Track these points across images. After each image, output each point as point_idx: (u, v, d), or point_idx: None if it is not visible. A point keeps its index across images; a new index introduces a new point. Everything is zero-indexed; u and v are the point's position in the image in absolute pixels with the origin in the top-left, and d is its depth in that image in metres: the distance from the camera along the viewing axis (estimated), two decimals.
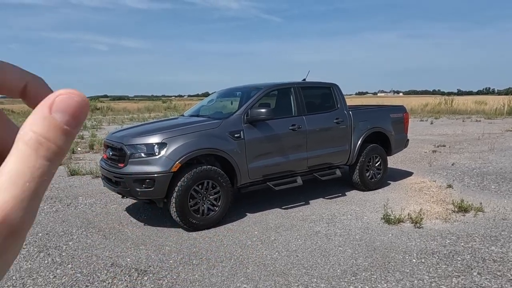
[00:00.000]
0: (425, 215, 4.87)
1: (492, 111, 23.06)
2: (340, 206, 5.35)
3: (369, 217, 4.87)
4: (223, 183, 4.57)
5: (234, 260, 3.69)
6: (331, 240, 4.15)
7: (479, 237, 4.12)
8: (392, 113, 6.61)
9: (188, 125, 4.69)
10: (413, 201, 5.53)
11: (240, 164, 4.73)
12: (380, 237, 4.21)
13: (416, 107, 28.29)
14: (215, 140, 4.56)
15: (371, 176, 6.17)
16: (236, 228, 4.55)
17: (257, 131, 4.91)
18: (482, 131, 13.64)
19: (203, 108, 5.99)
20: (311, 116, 5.50)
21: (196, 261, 3.68)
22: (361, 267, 3.49)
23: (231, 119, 4.81)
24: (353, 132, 5.92)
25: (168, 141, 4.31)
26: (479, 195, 5.76)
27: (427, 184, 6.53)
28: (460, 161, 8.38)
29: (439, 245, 3.93)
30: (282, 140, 5.15)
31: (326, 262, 3.60)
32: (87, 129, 17.98)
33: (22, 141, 0.24)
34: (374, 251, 3.82)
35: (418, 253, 3.75)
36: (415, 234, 4.25)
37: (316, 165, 5.58)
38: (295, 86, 5.56)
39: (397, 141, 6.58)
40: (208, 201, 4.52)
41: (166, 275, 3.40)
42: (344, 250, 3.88)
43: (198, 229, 4.45)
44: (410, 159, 8.85)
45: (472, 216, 4.80)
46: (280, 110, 5.50)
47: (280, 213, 5.10)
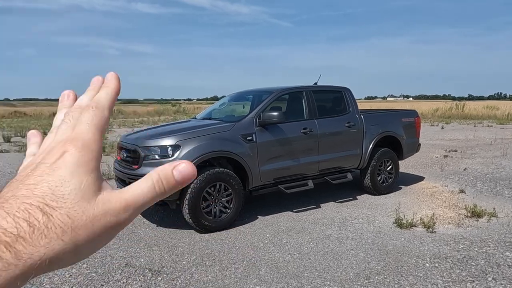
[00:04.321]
0: (438, 219, 4.85)
1: (504, 116, 22.80)
2: (351, 210, 5.35)
3: (380, 221, 4.85)
4: (235, 186, 4.60)
5: (247, 262, 3.71)
6: (343, 243, 4.15)
7: (493, 242, 4.08)
8: (403, 117, 6.59)
9: (201, 128, 4.74)
10: (425, 206, 5.50)
11: (252, 167, 4.76)
12: (392, 241, 4.20)
13: (427, 112, 28.07)
14: (228, 143, 4.60)
15: (383, 180, 6.15)
16: (247, 231, 4.58)
17: (269, 134, 4.94)
18: (494, 136, 13.50)
19: (215, 111, 6.05)
20: (322, 119, 5.51)
21: (209, 262, 3.71)
22: (374, 270, 3.49)
23: (243, 122, 4.85)
24: (364, 136, 5.91)
25: (182, 143, 4.36)
26: (492, 200, 5.70)
27: (439, 189, 6.49)
28: (472, 166, 8.31)
29: (453, 250, 3.91)
30: (293, 144, 5.17)
31: (338, 265, 3.60)
32: None
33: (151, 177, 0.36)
34: (386, 255, 3.82)
35: (431, 258, 3.73)
36: (428, 239, 4.23)
37: (327, 168, 5.59)
38: (307, 90, 5.58)
39: (409, 145, 6.56)
40: (220, 203, 4.56)
41: (180, 275, 3.44)
42: (357, 253, 3.88)
43: (210, 231, 4.48)
44: (421, 163, 8.80)
45: (486, 222, 4.76)
46: (292, 114, 5.53)
47: (291, 216, 5.11)
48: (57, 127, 0.39)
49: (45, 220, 0.30)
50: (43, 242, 0.29)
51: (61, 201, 0.31)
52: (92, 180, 0.34)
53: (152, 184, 0.35)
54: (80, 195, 0.32)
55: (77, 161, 0.34)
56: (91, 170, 0.34)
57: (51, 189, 0.32)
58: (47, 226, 0.30)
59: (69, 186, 0.32)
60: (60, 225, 0.30)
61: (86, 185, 0.33)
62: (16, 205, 0.30)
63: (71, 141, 0.35)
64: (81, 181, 0.33)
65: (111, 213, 0.33)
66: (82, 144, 0.35)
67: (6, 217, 0.29)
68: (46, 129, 20.01)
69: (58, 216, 0.31)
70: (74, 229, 0.31)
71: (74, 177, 0.33)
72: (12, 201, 0.30)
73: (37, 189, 0.32)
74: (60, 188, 0.32)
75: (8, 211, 0.30)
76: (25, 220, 0.29)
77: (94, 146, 0.36)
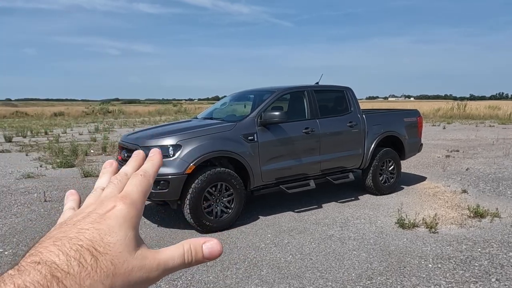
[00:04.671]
0: (440, 220, 4.82)
1: (506, 116, 22.74)
2: (353, 210, 5.32)
3: (383, 222, 4.83)
4: (237, 186, 4.58)
5: (248, 262, 3.69)
6: (345, 244, 4.12)
7: (496, 243, 4.05)
8: (405, 117, 6.56)
9: (202, 128, 4.72)
10: (428, 206, 5.47)
11: (253, 167, 4.74)
12: (394, 241, 4.17)
13: (428, 112, 28.02)
14: (229, 142, 4.58)
15: (384, 180, 6.12)
16: (249, 231, 4.55)
17: (270, 134, 4.92)
18: (496, 136, 13.46)
19: (216, 111, 6.03)
20: (324, 119, 5.49)
21: (210, 263, 3.68)
22: (376, 271, 3.46)
23: (244, 122, 4.83)
24: (366, 136, 5.89)
25: (182, 143, 4.34)
26: (495, 200, 5.67)
27: (441, 189, 6.46)
28: (474, 166, 8.27)
29: (455, 251, 3.88)
30: (295, 143, 5.15)
31: (340, 266, 3.58)
32: (100, 131, 18.20)
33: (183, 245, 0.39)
34: (389, 256, 3.79)
35: (434, 258, 3.70)
36: (430, 239, 4.20)
37: (329, 168, 5.57)
38: (309, 90, 5.56)
39: (411, 145, 6.53)
40: (222, 203, 4.54)
41: (181, 276, 3.41)
42: (359, 254, 3.85)
43: (211, 231, 4.46)
44: (423, 163, 8.77)
45: (489, 222, 4.73)
46: (294, 113, 5.50)
47: (293, 216, 5.09)
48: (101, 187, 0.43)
49: (93, 262, 0.33)
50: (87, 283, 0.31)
51: (107, 248, 0.34)
52: (135, 235, 0.37)
53: (182, 253, 0.39)
54: (124, 246, 0.35)
55: (125, 216, 0.37)
56: (135, 227, 0.38)
57: (100, 236, 0.35)
58: (93, 269, 0.32)
59: (116, 236, 0.35)
60: (104, 270, 0.33)
61: (130, 238, 0.36)
62: (68, 245, 0.33)
63: (121, 198, 0.39)
64: (127, 234, 0.36)
65: (146, 269, 0.36)
66: (131, 201, 0.39)
67: (59, 254, 0.32)
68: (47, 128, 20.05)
69: (103, 261, 0.33)
70: (114, 275, 0.33)
71: (121, 228, 0.36)
72: (65, 241, 0.33)
73: (88, 233, 0.35)
74: (108, 236, 0.35)
75: (61, 249, 0.32)
76: (75, 259, 0.32)
77: (139, 206, 0.40)
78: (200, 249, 0.40)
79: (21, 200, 6.05)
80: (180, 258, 0.38)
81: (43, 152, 11.42)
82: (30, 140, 15.01)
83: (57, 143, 13.16)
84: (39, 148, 12.35)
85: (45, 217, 5.16)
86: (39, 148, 12.48)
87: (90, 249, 0.33)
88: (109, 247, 0.34)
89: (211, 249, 0.40)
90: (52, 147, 11.43)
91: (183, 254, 0.39)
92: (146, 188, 0.42)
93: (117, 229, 0.36)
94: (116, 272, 0.34)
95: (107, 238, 0.35)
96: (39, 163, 9.57)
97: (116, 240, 0.35)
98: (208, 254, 0.40)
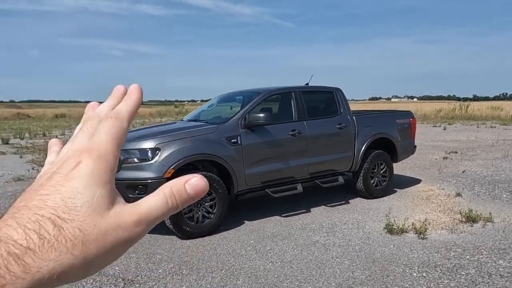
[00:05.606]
0: (431, 225, 4.66)
1: (508, 117, 22.47)
2: (342, 215, 5.17)
3: (371, 227, 4.67)
4: (219, 190, 4.44)
5: (226, 270, 3.55)
6: (329, 250, 3.97)
7: (486, 249, 3.89)
8: (398, 118, 6.40)
9: (184, 130, 4.59)
10: (419, 210, 5.31)
11: (236, 170, 4.60)
12: (381, 248, 4.01)
13: (430, 113, 27.78)
14: (211, 145, 4.45)
15: (376, 183, 5.96)
16: (231, 237, 4.41)
17: (255, 136, 4.78)
18: (497, 138, 13.24)
19: (203, 112, 5.90)
20: (312, 121, 5.34)
21: (186, 271, 3.55)
22: (358, 280, 3.31)
23: (227, 124, 4.69)
24: (356, 138, 5.73)
25: (161, 146, 4.21)
26: (490, 204, 5.50)
27: (435, 192, 6.29)
28: (471, 168, 8.09)
29: (443, 258, 3.72)
30: (281, 146, 5.01)
31: (321, 275, 3.43)
32: None
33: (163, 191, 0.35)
34: (373, 263, 3.64)
35: (419, 266, 3.55)
36: (418, 246, 4.04)
37: (318, 171, 5.42)
38: (296, 91, 5.41)
39: (404, 147, 6.37)
40: (203, 208, 4.40)
41: (153, 285, 3.28)
42: (342, 261, 3.70)
43: (192, 237, 4.33)
44: (419, 165, 8.59)
45: (481, 227, 4.56)
46: (281, 115, 5.37)
47: (279, 221, 4.94)
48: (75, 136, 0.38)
49: (56, 232, 0.30)
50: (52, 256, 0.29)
51: (73, 214, 0.31)
52: (106, 193, 0.33)
53: (164, 198, 0.35)
54: (93, 208, 0.32)
55: (91, 172, 0.33)
56: (105, 183, 0.34)
57: (64, 200, 0.31)
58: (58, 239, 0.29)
59: (81, 198, 0.32)
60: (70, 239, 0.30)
61: (99, 198, 0.32)
62: (27, 216, 0.30)
63: (86, 151, 0.35)
64: (94, 194, 0.32)
65: (123, 228, 0.33)
66: (98, 154, 0.34)
67: (16, 228, 0.29)
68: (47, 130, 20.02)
69: (69, 229, 0.30)
70: (85, 243, 0.30)
71: (88, 189, 0.32)
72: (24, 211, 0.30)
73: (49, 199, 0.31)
74: (73, 199, 0.31)
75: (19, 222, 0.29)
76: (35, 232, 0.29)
77: (110, 157, 0.35)
78: (183, 189, 0.35)
79: (5, 204, 5.95)
80: (163, 205, 0.34)
81: (38, 154, 11.34)
82: (27, 142, 14.96)
83: None
84: (34, 150, 12.27)
85: None
86: (34, 150, 12.41)
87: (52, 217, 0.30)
88: (75, 211, 0.31)
89: (196, 186, 0.35)
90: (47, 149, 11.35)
91: (166, 199, 0.35)
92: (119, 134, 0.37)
93: (82, 189, 0.32)
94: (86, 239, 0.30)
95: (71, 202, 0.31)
96: (31, 165, 9.49)
97: (82, 202, 0.31)
98: (192, 192, 0.35)
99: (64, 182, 0.32)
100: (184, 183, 0.35)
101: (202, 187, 0.36)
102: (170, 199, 0.35)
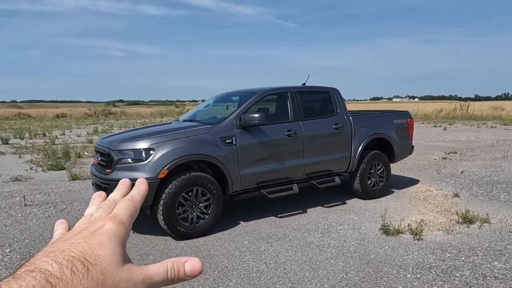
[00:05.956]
0: (427, 226, 4.63)
1: (509, 117, 22.38)
2: (338, 215, 5.14)
3: (367, 227, 4.64)
4: (214, 190, 4.42)
5: (218, 272, 3.53)
6: (323, 251, 3.95)
7: (482, 251, 3.86)
8: (395, 118, 6.37)
9: (178, 131, 4.57)
10: (416, 211, 5.28)
11: (231, 171, 4.57)
12: (375, 249, 3.99)
13: (431, 113, 27.70)
14: (205, 145, 4.42)
15: (373, 184, 5.93)
16: (226, 237, 4.39)
17: (250, 136, 4.76)
18: (497, 138, 13.19)
19: (199, 113, 5.88)
20: (308, 121, 5.31)
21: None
22: (351, 282, 3.29)
23: (222, 125, 4.67)
24: (353, 138, 5.70)
25: (155, 146, 4.19)
26: (487, 205, 5.46)
27: (433, 192, 6.26)
28: (470, 168, 8.05)
29: (438, 259, 3.69)
30: (277, 146, 4.98)
31: (314, 276, 3.40)
32: (98, 133, 18.14)
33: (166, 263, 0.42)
34: (367, 265, 3.61)
35: (414, 268, 3.52)
36: (414, 247, 4.01)
37: (314, 172, 5.39)
38: (292, 91, 5.38)
39: (401, 147, 6.34)
40: (198, 209, 4.38)
41: None
42: (336, 263, 3.67)
43: (186, 238, 4.31)
44: (418, 166, 8.55)
45: (477, 228, 4.53)
46: (276, 115, 5.34)
47: (274, 221, 4.92)
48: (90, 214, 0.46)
49: (84, 271, 0.35)
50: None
51: (97, 260, 0.37)
52: (122, 251, 0.40)
53: (166, 270, 0.41)
54: (113, 259, 0.38)
55: (114, 233, 0.40)
56: (122, 243, 0.41)
57: (91, 248, 0.37)
58: (85, 277, 0.35)
59: (106, 249, 0.38)
60: (94, 278, 0.35)
61: (118, 253, 0.39)
62: (61, 256, 0.35)
63: (111, 218, 0.42)
64: (115, 248, 0.39)
65: (132, 282, 0.38)
66: (120, 221, 0.42)
67: (52, 263, 0.34)
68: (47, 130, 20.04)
69: (94, 271, 0.36)
70: (103, 284, 0.36)
71: (111, 244, 0.39)
72: (58, 253, 0.36)
73: (79, 246, 0.37)
74: (98, 250, 0.38)
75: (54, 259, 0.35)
76: (68, 268, 0.34)
77: (127, 226, 0.43)
78: (182, 267, 0.42)
79: (1, 204, 5.94)
80: (164, 274, 0.41)
81: (37, 154, 11.34)
82: (27, 142, 14.97)
83: (53, 145, 13.09)
84: (34, 150, 12.28)
85: (21, 222, 5.03)
86: (33, 150, 12.41)
87: (81, 259, 0.36)
88: (99, 258, 0.37)
89: (192, 268, 0.42)
90: (46, 149, 11.35)
91: (167, 271, 0.41)
92: (133, 212, 0.45)
93: (107, 243, 0.39)
94: (105, 282, 0.36)
95: (97, 251, 0.37)
96: (30, 165, 9.49)
97: (106, 253, 0.38)
98: (189, 272, 0.42)
99: (92, 236, 0.39)
100: (184, 262, 0.42)
101: (197, 269, 0.43)
102: (170, 271, 0.41)
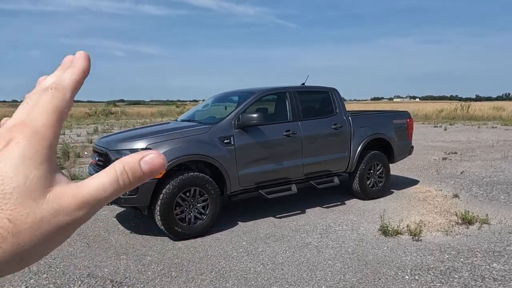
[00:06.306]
0: (426, 226, 4.60)
1: (510, 117, 22.34)
2: (337, 216, 5.12)
3: (365, 228, 4.62)
4: (211, 191, 4.40)
5: (215, 273, 3.51)
6: (322, 252, 3.92)
7: (481, 252, 3.83)
8: (395, 119, 6.34)
9: (176, 131, 4.54)
10: (415, 212, 5.26)
11: (229, 171, 4.55)
12: (374, 250, 3.96)
13: (431, 113, 27.64)
14: (203, 145, 4.40)
15: (372, 184, 5.91)
16: (224, 238, 4.37)
17: (248, 137, 4.74)
18: (497, 138, 13.15)
19: (198, 113, 5.85)
20: (307, 121, 5.29)
21: (176, 273, 3.50)
22: (349, 283, 3.26)
23: (220, 125, 4.65)
24: (352, 138, 5.68)
25: (152, 146, 4.17)
26: (487, 206, 5.43)
27: (432, 193, 6.23)
28: (470, 169, 8.02)
29: (437, 261, 3.67)
30: (275, 147, 4.96)
31: (311, 277, 3.38)
32: (98, 133, 18.12)
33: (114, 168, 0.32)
34: (365, 266, 3.59)
35: (412, 269, 3.49)
36: (412, 248, 3.99)
37: (312, 172, 5.36)
38: (291, 91, 5.36)
39: (401, 148, 6.31)
40: (195, 209, 4.36)
41: (142, 287, 3.24)
42: (334, 264, 3.65)
43: (184, 238, 4.28)
44: (417, 166, 8.52)
45: (476, 229, 4.50)
46: (275, 115, 5.32)
47: (273, 222, 4.89)
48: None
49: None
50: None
51: (1, 202, 0.27)
52: (42, 174, 0.29)
53: (115, 177, 0.31)
54: (25, 194, 0.28)
55: (23, 152, 0.29)
56: (41, 162, 0.30)
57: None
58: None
59: (11, 183, 0.28)
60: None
61: (33, 181, 0.29)
62: None
63: (19, 128, 0.30)
64: (27, 177, 0.29)
65: (64, 212, 0.29)
66: (32, 131, 0.30)
67: None
68: None
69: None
70: (15, 234, 0.27)
71: (19, 172, 0.28)
72: None
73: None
74: (1, 186, 0.28)
75: None
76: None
77: (48, 132, 0.31)
78: (138, 166, 0.32)
79: None
80: (113, 184, 0.31)
81: None
82: None
83: None
84: None
85: None
86: None
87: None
88: (3, 200, 0.27)
89: (151, 163, 0.32)
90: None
91: (116, 178, 0.31)
92: (60, 106, 0.32)
93: (13, 172, 0.28)
94: (17, 230, 0.27)
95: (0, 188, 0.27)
96: None
97: (13, 188, 0.28)
98: (148, 169, 0.32)
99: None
100: (139, 160, 0.32)
101: (158, 163, 0.33)
102: (122, 177, 0.31)
